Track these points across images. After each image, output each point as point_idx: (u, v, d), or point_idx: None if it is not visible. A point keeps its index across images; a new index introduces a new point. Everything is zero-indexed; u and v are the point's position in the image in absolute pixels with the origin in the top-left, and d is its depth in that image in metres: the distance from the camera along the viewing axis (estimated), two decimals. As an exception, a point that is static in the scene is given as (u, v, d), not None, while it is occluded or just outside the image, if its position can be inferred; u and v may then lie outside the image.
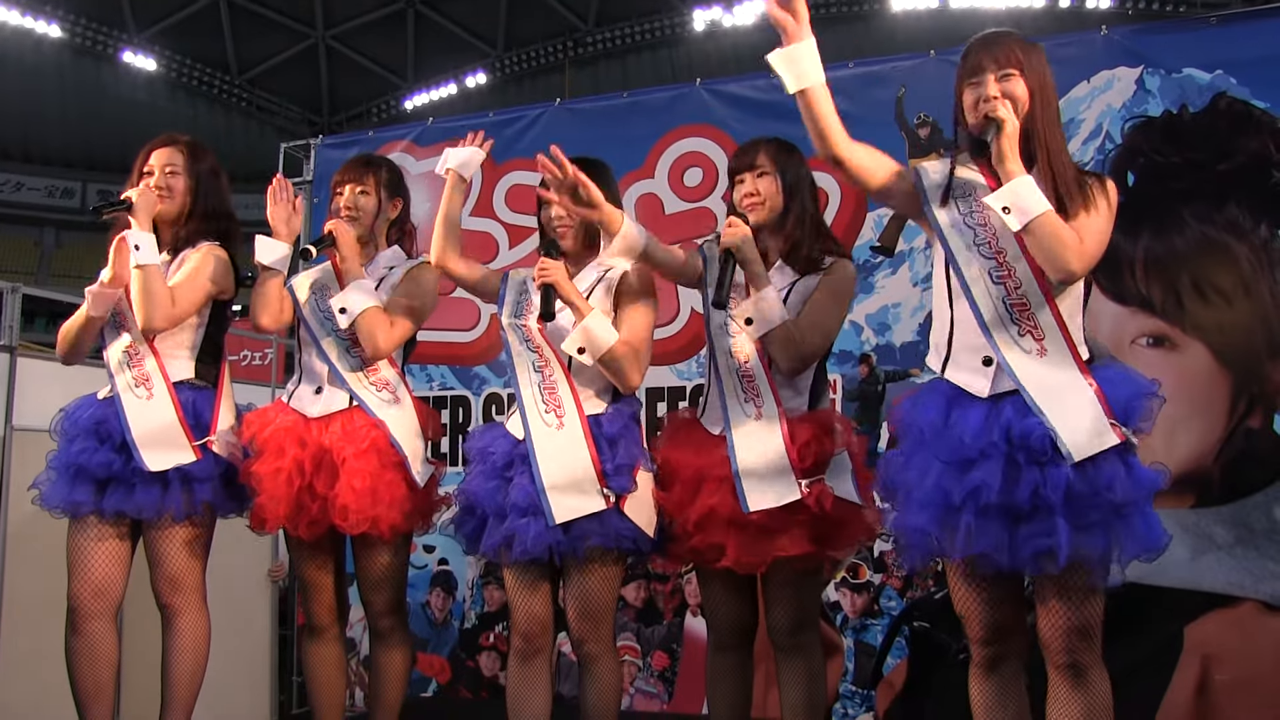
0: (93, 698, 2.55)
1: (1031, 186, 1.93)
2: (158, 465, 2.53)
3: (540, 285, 2.43)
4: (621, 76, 19.69)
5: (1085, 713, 1.91)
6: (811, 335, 2.38)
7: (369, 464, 2.57)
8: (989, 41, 2.05)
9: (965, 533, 1.90)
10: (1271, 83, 3.25)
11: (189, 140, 2.76)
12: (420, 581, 4.12)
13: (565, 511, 2.37)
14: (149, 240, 2.55)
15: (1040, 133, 2.00)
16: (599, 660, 2.47)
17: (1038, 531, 1.86)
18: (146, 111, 20.27)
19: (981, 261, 2.01)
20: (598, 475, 2.38)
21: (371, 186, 2.74)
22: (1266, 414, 3.17)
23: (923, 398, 2.07)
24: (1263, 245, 3.21)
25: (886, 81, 3.73)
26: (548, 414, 2.45)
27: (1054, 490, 1.84)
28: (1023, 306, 1.97)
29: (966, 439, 1.92)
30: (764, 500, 2.30)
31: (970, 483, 1.89)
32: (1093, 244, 1.95)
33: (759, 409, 2.38)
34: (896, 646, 3.50)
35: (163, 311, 2.54)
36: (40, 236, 22.68)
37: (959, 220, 2.06)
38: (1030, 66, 2.01)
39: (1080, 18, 16.23)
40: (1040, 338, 1.95)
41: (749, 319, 2.36)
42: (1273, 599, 3.08)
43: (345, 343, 2.67)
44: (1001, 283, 1.99)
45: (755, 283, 2.37)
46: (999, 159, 1.96)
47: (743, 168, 2.50)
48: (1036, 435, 1.87)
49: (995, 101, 1.97)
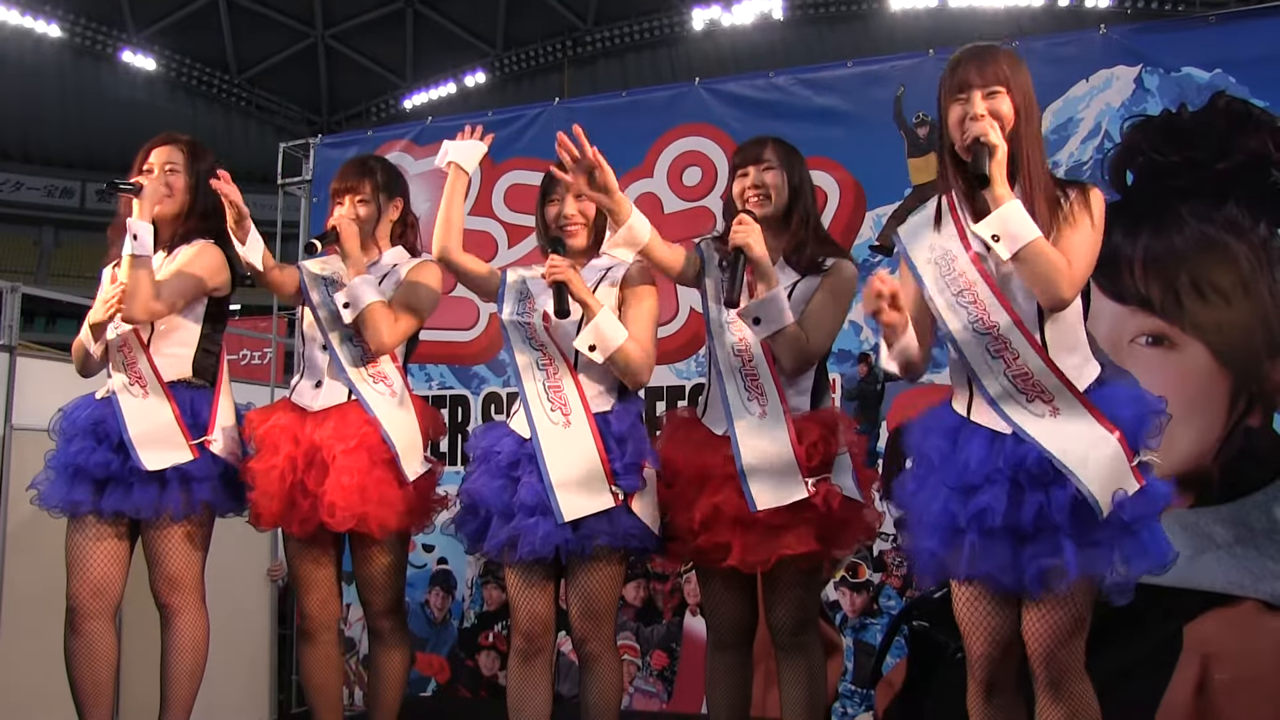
0: (92, 697, 2.55)
1: (1020, 212, 1.90)
2: (155, 465, 2.53)
3: (552, 283, 2.42)
4: (620, 76, 19.70)
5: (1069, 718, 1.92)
6: (816, 336, 2.38)
7: (358, 461, 2.56)
8: (977, 56, 2.00)
9: (970, 553, 1.91)
10: (1270, 82, 3.25)
11: (189, 139, 2.75)
12: (419, 581, 4.12)
13: (574, 509, 2.37)
14: (146, 230, 2.53)
15: (1024, 151, 1.97)
16: (600, 659, 2.47)
17: (1042, 551, 1.87)
18: (146, 111, 20.26)
19: (979, 338, 1.98)
20: (607, 474, 2.39)
21: (369, 193, 2.74)
22: (1266, 413, 3.17)
23: (932, 426, 2.07)
24: (1262, 244, 3.21)
25: (885, 81, 3.73)
26: (553, 412, 2.45)
27: (1058, 511, 1.85)
28: (1025, 376, 1.94)
29: (972, 465, 1.94)
30: (771, 499, 2.30)
31: (975, 506, 1.91)
32: (1081, 265, 1.92)
33: (763, 407, 2.38)
34: (896, 646, 3.50)
35: (143, 304, 2.51)
36: (39, 236, 22.69)
37: (955, 303, 2.01)
38: (1016, 83, 1.97)
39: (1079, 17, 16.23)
40: (1049, 399, 1.93)
41: (757, 318, 2.35)
42: (1272, 598, 3.08)
43: (350, 339, 2.67)
44: (1000, 356, 1.96)
45: (765, 281, 2.34)
46: (991, 183, 1.92)
47: (749, 161, 2.48)
48: (1033, 459, 1.88)
49: (983, 122, 1.92)
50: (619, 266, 2.56)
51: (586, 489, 2.38)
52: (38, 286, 4.13)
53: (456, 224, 2.66)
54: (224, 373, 2.75)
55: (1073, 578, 1.84)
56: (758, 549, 2.32)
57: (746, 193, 2.46)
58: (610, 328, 2.42)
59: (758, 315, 2.34)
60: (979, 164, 1.90)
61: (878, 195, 3.67)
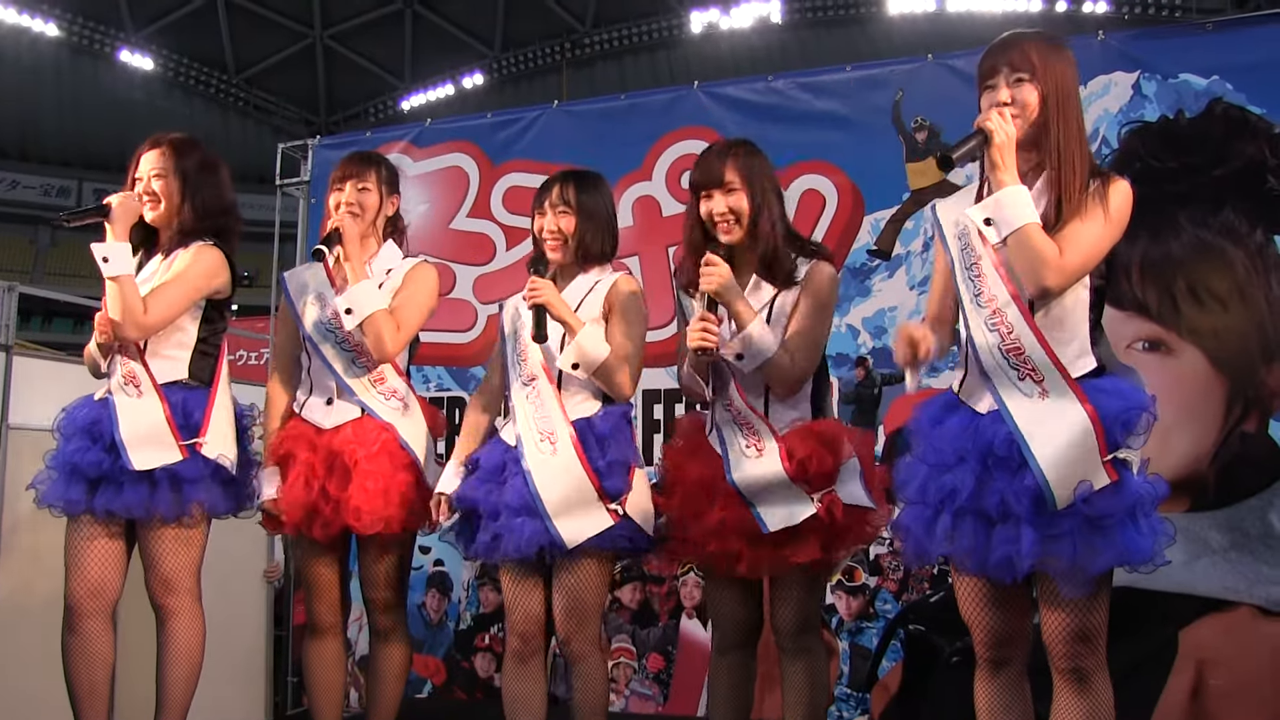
0: (87, 697, 2.54)
1: (1017, 198, 1.90)
2: (143, 464, 2.52)
3: (532, 306, 2.43)
4: (619, 78, 19.71)
5: (1087, 718, 1.91)
6: (803, 353, 2.37)
7: (381, 466, 2.59)
8: (1006, 44, 2.01)
9: (943, 533, 1.94)
10: (1267, 88, 3.26)
11: (173, 139, 2.69)
12: (416, 583, 4.11)
13: (575, 535, 2.39)
14: (118, 250, 2.51)
15: (1052, 138, 1.96)
16: (585, 659, 2.48)
17: (1006, 538, 1.88)
18: (143, 110, 20.27)
19: (979, 311, 2.00)
20: (597, 490, 2.40)
21: (372, 183, 2.74)
22: (1261, 418, 3.17)
23: (927, 405, 2.09)
24: (1258, 250, 3.21)
25: (884, 85, 3.74)
26: (542, 443, 2.46)
27: (1018, 500, 1.86)
28: (1017, 351, 1.94)
29: (944, 444, 1.97)
30: (781, 520, 2.30)
31: (945, 485, 1.94)
32: (1076, 256, 1.90)
33: (760, 451, 2.36)
34: (891, 649, 3.50)
35: (132, 321, 2.50)
36: (35, 235, 22.67)
37: (965, 275, 2.04)
38: (1047, 70, 1.96)
39: (1077, 23, 16.28)
40: (1040, 379, 1.93)
41: (739, 355, 2.34)
42: (1267, 603, 3.08)
43: (351, 353, 2.67)
44: (995, 329, 1.97)
45: (740, 321, 2.32)
46: (991, 168, 1.95)
47: (711, 184, 2.40)
48: (1002, 441, 1.90)
49: (994, 110, 1.94)
50: (607, 279, 2.58)
51: (582, 510, 2.40)
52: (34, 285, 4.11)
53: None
54: (221, 373, 2.72)
55: (1025, 567, 1.84)
56: (766, 559, 2.33)
57: (714, 217, 2.39)
58: (592, 345, 2.44)
59: (740, 353, 2.33)
60: (951, 146, 1.94)
61: (876, 199, 3.67)
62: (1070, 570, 1.85)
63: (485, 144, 4.23)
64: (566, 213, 2.54)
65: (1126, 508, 1.85)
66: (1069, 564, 1.84)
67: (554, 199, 2.55)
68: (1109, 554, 1.85)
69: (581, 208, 2.55)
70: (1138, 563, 1.86)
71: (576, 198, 2.54)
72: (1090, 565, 1.85)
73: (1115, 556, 1.85)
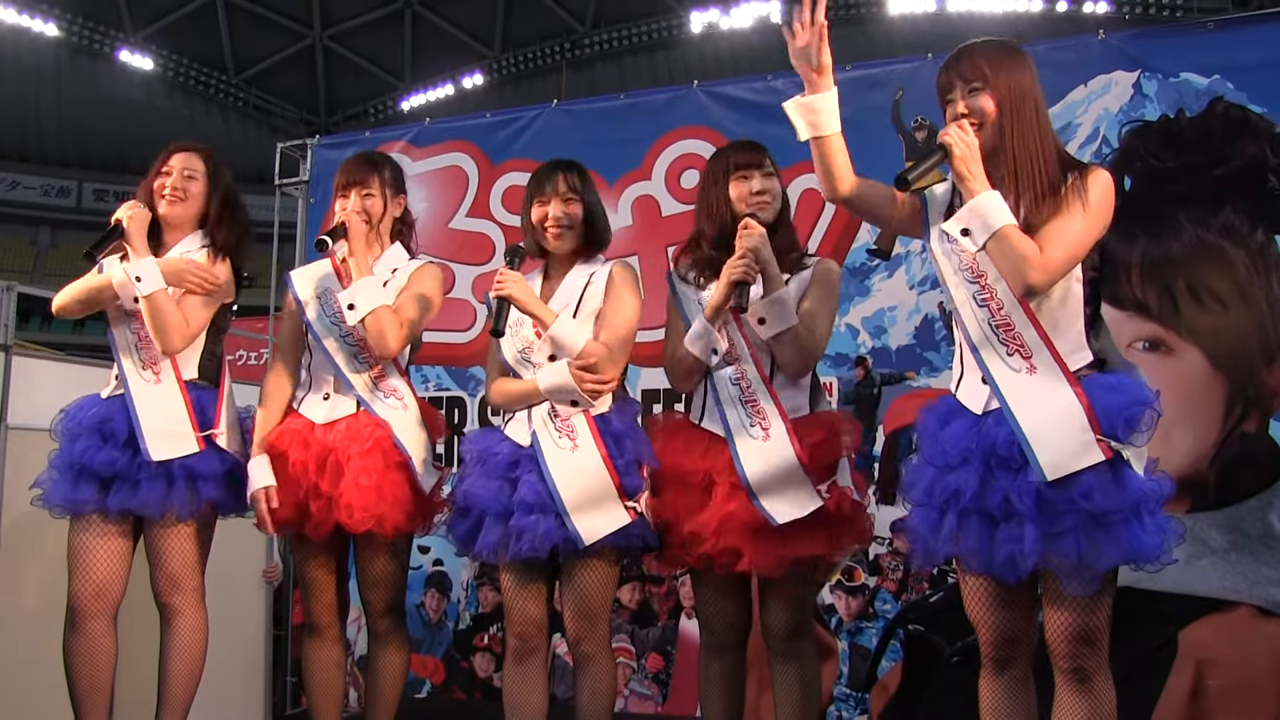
0: (89, 697, 2.55)
1: (989, 203, 1.93)
2: (162, 454, 2.53)
3: (496, 298, 2.43)
4: (618, 78, 19.68)
5: (1088, 718, 1.92)
6: (817, 333, 2.41)
7: (374, 463, 2.57)
8: (957, 56, 2.06)
9: (948, 533, 1.95)
10: (1268, 87, 3.26)
11: (210, 150, 2.79)
12: (415, 582, 4.11)
13: (592, 532, 2.38)
14: (147, 267, 2.55)
15: (1010, 144, 1.99)
16: (595, 660, 2.47)
17: (1010, 537, 1.89)
18: (143, 111, 20.26)
19: (966, 286, 2.03)
20: (618, 489, 2.40)
21: (376, 188, 2.74)
22: (1262, 418, 3.17)
23: (933, 407, 2.11)
24: (1258, 250, 3.21)
25: (884, 85, 3.74)
26: (561, 439, 2.44)
27: (1022, 498, 1.87)
28: (1007, 327, 1.97)
29: (949, 445, 1.98)
30: (788, 512, 2.30)
31: (949, 486, 1.95)
32: (1059, 252, 1.91)
33: (766, 431, 2.36)
34: (891, 649, 3.50)
35: (179, 333, 2.59)
36: (35, 236, 22.65)
37: (947, 248, 2.06)
38: (998, 77, 2.00)
39: (1077, 22, 16.26)
40: (1028, 355, 1.95)
41: (762, 319, 2.36)
42: (1267, 604, 3.08)
43: (353, 348, 2.67)
44: (985, 305, 1.99)
45: (771, 283, 2.36)
46: (959, 180, 1.99)
47: (751, 165, 2.50)
48: (1004, 441, 1.91)
49: (951, 125, 1.99)
50: (603, 270, 2.57)
51: (600, 508, 2.39)
52: (34, 286, 4.11)
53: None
54: (226, 375, 2.77)
55: (1029, 565, 1.85)
56: (770, 554, 2.32)
57: (751, 197, 2.47)
58: (567, 334, 2.44)
59: (764, 315, 2.35)
60: (908, 167, 1.98)
61: (876, 199, 3.67)
62: (1076, 568, 1.85)
63: (484, 144, 4.24)
64: (574, 199, 2.56)
65: (1130, 505, 1.86)
66: (1074, 561, 1.85)
67: (560, 187, 2.56)
68: (1114, 552, 1.85)
69: (586, 195, 2.59)
70: (1144, 560, 1.87)
71: (582, 185, 2.58)
72: (1096, 562, 1.85)
73: (1121, 554, 1.86)
